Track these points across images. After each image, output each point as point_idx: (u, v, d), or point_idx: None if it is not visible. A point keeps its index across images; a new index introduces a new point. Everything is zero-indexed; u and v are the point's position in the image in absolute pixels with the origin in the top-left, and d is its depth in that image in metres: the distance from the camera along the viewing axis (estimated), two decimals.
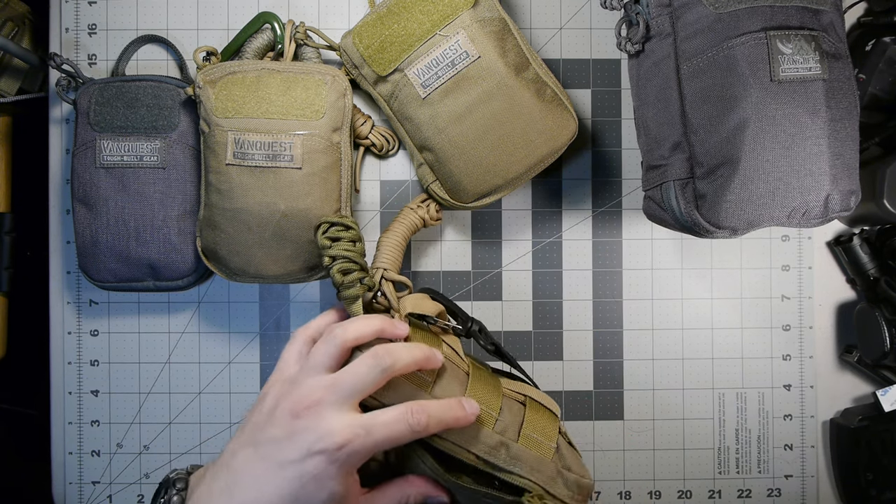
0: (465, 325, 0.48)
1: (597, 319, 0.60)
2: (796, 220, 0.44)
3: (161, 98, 0.54)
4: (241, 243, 0.51)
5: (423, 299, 0.47)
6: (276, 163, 0.51)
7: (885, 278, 0.56)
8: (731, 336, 0.60)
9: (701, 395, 0.60)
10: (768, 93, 0.41)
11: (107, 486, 0.60)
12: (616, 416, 0.60)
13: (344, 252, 0.45)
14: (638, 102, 0.49)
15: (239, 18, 0.58)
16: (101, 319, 0.60)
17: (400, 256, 0.52)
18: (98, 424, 0.60)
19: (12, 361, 0.64)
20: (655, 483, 0.60)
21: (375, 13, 0.53)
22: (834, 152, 0.43)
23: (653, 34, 0.46)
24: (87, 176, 0.53)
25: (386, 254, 0.51)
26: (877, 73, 0.54)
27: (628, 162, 0.60)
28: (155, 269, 0.54)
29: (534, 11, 0.59)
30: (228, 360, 0.60)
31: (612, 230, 0.60)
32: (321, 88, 0.52)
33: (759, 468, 0.60)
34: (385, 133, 0.58)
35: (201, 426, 0.60)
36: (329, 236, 0.46)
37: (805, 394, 0.60)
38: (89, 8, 0.59)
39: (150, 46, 0.59)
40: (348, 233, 0.46)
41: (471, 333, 0.48)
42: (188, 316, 0.60)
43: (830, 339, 0.61)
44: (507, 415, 0.43)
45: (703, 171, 0.44)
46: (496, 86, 0.51)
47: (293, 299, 0.60)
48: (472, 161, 0.52)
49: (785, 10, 0.42)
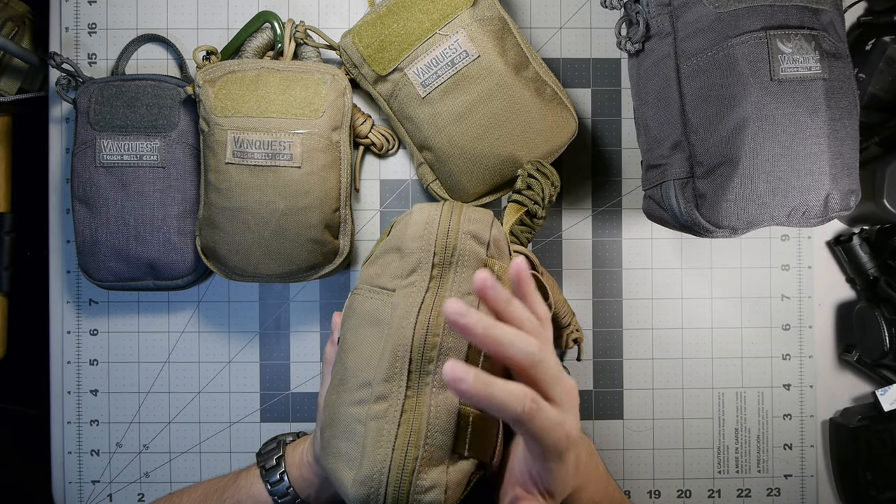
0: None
1: (597, 319, 0.60)
2: (796, 219, 0.44)
3: (161, 97, 0.54)
4: (240, 242, 0.51)
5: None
6: (275, 162, 0.51)
7: (884, 278, 0.56)
8: (731, 335, 0.60)
9: (700, 394, 0.60)
10: (768, 92, 0.41)
11: (106, 486, 0.60)
12: (616, 416, 0.60)
13: (542, 182, 0.49)
14: (638, 102, 0.49)
15: (239, 18, 0.58)
16: (100, 319, 0.60)
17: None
18: (97, 424, 0.60)
19: (12, 361, 0.64)
20: (655, 482, 0.60)
21: (375, 13, 0.53)
22: (834, 152, 0.43)
23: (653, 33, 0.46)
24: (87, 175, 0.53)
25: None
26: (877, 72, 0.54)
27: (628, 161, 0.60)
28: (154, 268, 0.54)
29: (534, 11, 0.59)
30: (228, 359, 0.60)
31: (611, 230, 0.60)
32: (321, 87, 0.52)
33: (759, 468, 0.60)
34: (385, 132, 0.58)
35: (201, 425, 0.60)
36: (540, 171, 0.50)
37: (804, 393, 0.60)
38: (89, 7, 0.59)
39: (150, 45, 0.59)
40: (552, 177, 0.50)
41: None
42: (188, 315, 0.60)
43: (830, 339, 0.61)
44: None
45: (703, 171, 0.44)
46: (496, 85, 0.51)
47: (293, 298, 0.60)
48: (471, 160, 0.52)
49: (785, 9, 0.42)
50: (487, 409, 0.33)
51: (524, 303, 0.38)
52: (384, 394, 0.37)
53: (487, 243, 0.41)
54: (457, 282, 0.39)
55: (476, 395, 0.32)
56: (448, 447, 0.36)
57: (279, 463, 0.49)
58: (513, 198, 0.49)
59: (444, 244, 0.39)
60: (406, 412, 0.36)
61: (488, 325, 0.33)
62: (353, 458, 0.37)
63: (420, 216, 0.41)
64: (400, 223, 0.43)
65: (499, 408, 0.33)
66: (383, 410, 0.36)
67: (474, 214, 0.41)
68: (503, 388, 0.33)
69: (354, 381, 0.38)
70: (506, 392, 0.33)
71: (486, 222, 0.41)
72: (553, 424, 0.35)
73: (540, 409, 0.34)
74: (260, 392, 0.60)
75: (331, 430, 0.39)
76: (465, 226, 0.40)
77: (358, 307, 0.41)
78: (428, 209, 0.42)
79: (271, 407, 0.60)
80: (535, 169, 0.50)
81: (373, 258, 0.43)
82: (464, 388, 0.32)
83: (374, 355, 0.38)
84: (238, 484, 0.50)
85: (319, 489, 0.48)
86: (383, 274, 0.41)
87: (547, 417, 0.34)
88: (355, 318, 0.41)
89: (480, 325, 0.32)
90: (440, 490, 0.36)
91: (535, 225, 0.49)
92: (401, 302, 0.39)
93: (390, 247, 0.42)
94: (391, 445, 0.35)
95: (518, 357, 0.34)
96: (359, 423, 0.37)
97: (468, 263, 0.39)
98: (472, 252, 0.40)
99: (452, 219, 0.41)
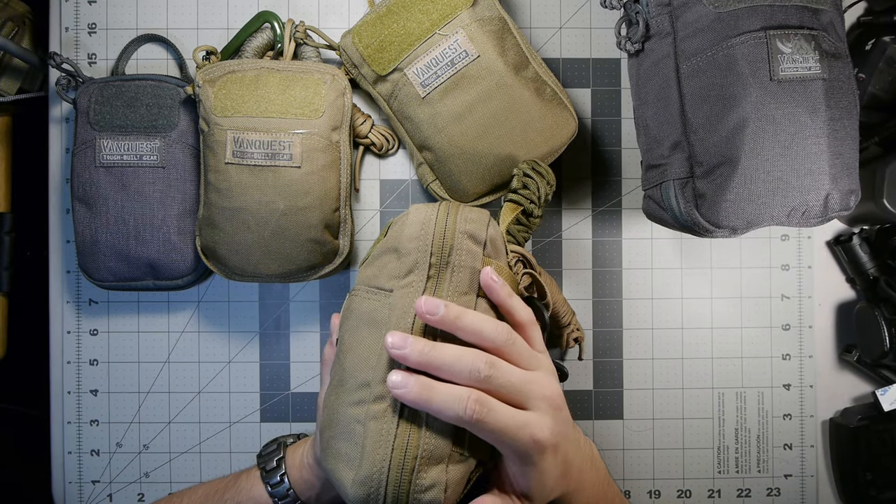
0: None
1: (597, 319, 0.60)
2: (796, 219, 0.44)
3: (161, 97, 0.54)
4: (240, 242, 0.51)
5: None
6: (275, 161, 0.51)
7: (884, 278, 0.56)
8: (731, 335, 0.60)
9: (700, 394, 0.60)
10: (768, 92, 0.41)
11: (106, 486, 0.60)
12: (616, 416, 0.60)
13: (538, 181, 0.49)
14: (638, 102, 0.49)
15: (239, 18, 0.58)
16: (100, 319, 0.60)
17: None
18: (97, 424, 0.60)
19: (12, 361, 0.64)
20: (655, 482, 0.60)
21: (375, 13, 0.53)
22: (833, 151, 0.43)
23: (652, 33, 0.46)
24: (87, 175, 0.53)
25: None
26: (876, 72, 0.53)
27: (628, 161, 0.60)
28: (154, 268, 0.54)
29: (534, 11, 0.59)
30: (228, 359, 0.60)
31: (611, 229, 0.60)
32: (320, 87, 0.52)
33: (759, 468, 0.60)
34: (385, 132, 0.58)
35: (201, 425, 0.60)
36: (536, 170, 0.50)
37: (804, 393, 0.60)
38: (89, 7, 0.59)
39: (150, 45, 0.59)
40: (548, 176, 0.50)
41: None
42: (188, 315, 0.60)
43: (830, 339, 0.61)
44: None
45: (703, 171, 0.44)
46: (495, 85, 0.51)
47: (293, 298, 0.60)
48: (471, 160, 0.52)
49: (785, 9, 0.42)
50: (432, 413, 0.35)
51: (501, 309, 0.39)
52: (383, 394, 0.37)
53: (484, 243, 0.41)
54: (453, 282, 0.39)
55: (416, 401, 0.34)
56: (447, 446, 0.36)
57: (280, 465, 0.49)
58: (509, 197, 0.49)
59: (441, 244, 0.39)
60: (405, 412, 0.36)
61: (424, 352, 0.35)
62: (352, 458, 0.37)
63: (417, 216, 0.41)
64: (397, 224, 0.43)
65: (437, 412, 0.34)
66: (382, 410, 0.36)
67: (471, 214, 0.42)
68: (442, 392, 0.34)
69: (353, 382, 0.38)
70: (443, 395, 0.34)
71: (482, 222, 0.42)
72: (511, 427, 0.35)
73: (491, 410, 0.34)
74: (260, 392, 0.60)
75: (330, 430, 0.39)
76: (462, 226, 0.40)
77: (356, 308, 0.41)
78: (424, 209, 0.42)
79: (271, 407, 0.60)
80: (531, 168, 0.50)
81: (370, 259, 0.43)
82: (401, 393, 0.34)
83: (372, 356, 0.38)
84: (238, 485, 0.50)
85: (320, 491, 0.48)
86: (381, 275, 0.41)
87: (500, 420, 0.35)
88: (353, 318, 0.41)
89: (414, 354, 0.35)
90: (440, 489, 0.36)
91: (532, 224, 0.49)
92: (398, 302, 0.39)
93: (387, 247, 0.42)
94: (390, 445, 0.36)
95: (462, 378, 0.35)
96: (358, 423, 0.37)
97: (465, 263, 0.39)
98: (468, 252, 0.40)
99: (449, 219, 0.41)
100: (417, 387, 0.34)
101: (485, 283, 0.39)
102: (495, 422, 0.34)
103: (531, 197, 0.49)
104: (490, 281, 0.39)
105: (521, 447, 0.36)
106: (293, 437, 0.54)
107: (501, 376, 0.36)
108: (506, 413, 0.35)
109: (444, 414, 0.34)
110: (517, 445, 0.35)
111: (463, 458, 0.37)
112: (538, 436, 0.36)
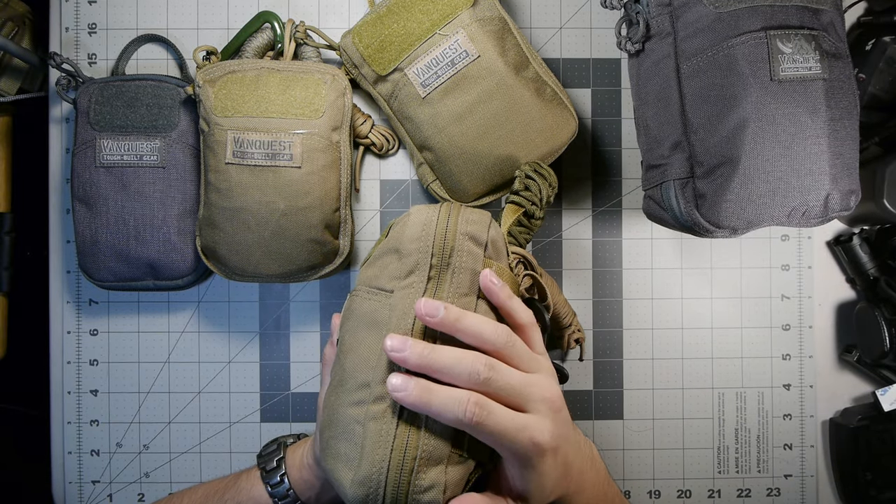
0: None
1: (597, 319, 0.60)
2: (796, 219, 0.44)
3: (161, 97, 0.54)
4: (240, 242, 0.51)
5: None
6: (275, 162, 0.51)
7: (884, 278, 0.56)
8: (731, 335, 0.60)
9: (700, 394, 0.60)
10: (768, 92, 0.41)
11: (107, 486, 0.60)
12: (616, 416, 0.60)
13: (539, 183, 0.49)
14: (638, 102, 0.49)
15: (239, 18, 0.58)
16: (100, 319, 0.60)
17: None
18: (97, 424, 0.60)
19: (12, 361, 0.64)
20: (655, 482, 0.60)
21: (375, 13, 0.53)
22: (834, 152, 0.43)
23: (653, 33, 0.46)
24: (87, 175, 0.53)
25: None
26: (877, 72, 0.54)
27: (628, 161, 0.60)
28: (155, 268, 0.54)
29: (534, 11, 0.59)
30: (228, 359, 0.60)
31: (611, 230, 0.60)
32: (320, 87, 0.52)
33: (759, 468, 0.60)
34: (385, 132, 0.58)
35: (201, 425, 0.60)
36: (538, 172, 0.50)
37: (804, 393, 0.60)
38: (89, 7, 0.59)
39: (150, 46, 0.59)
40: (550, 178, 0.50)
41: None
42: (188, 315, 0.60)
43: (830, 339, 0.61)
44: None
45: (703, 171, 0.44)
46: (496, 85, 0.51)
47: (293, 298, 0.60)
48: (471, 160, 0.52)
49: (785, 9, 0.42)
50: (432, 416, 0.35)
51: (501, 310, 0.39)
52: (383, 394, 0.37)
53: (485, 244, 0.41)
54: (454, 283, 0.39)
55: (416, 404, 0.34)
56: (446, 447, 0.36)
57: (280, 465, 0.49)
58: (510, 199, 0.49)
59: (442, 245, 0.39)
60: (405, 412, 0.36)
61: (423, 355, 0.35)
62: (351, 458, 0.37)
63: (418, 217, 0.41)
64: (398, 225, 0.43)
65: (437, 415, 0.34)
66: (382, 411, 0.36)
67: (472, 216, 0.41)
68: (442, 395, 0.34)
69: (353, 382, 0.38)
70: (443, 398, 0.34)
71: (483, 223, 0.42)
72: (511, 429, 0.35)
73: (490, 413, 0.34)
74: (260, 392, 0.60)
75: (329, 430, 0.39)
76: (463, 227, 0.40)
77: (356, 308, 0.41)
78: (426, 210, 0.42)
79: (271, 407, 0.60)
80: (533, 170, 0.50)
81: (371, 260, 0.43)
82: (401, 396, 0.34)
83: (372, 356, 0.38)
84: (238, 485, 0.50)
85: (320, 491, 0.48)
86: (381, 275, 0.41)
87: (499, 423, 0.35)
88: (354, 319, 0.41)
89: (413, 357, 0.35)
90: (439, 490, 0.36)
91: (533, 226, 0.49)
92: (399, 303, 0.39)
93: (388, 248, 0.42)
94: (390, 446, 0.36)
95: (461, 381, 0.35)
96: (357, 423, 0.37)
97: (466, 265, 0.39)
98: (469, 253, 0.40)
99: (450, 220, 0.41)
100: (417, 390, 0.34)
101: (484, 286, 0.39)
102: (495, 424, 0.34)
103: (533, 198, 0.49)
104: (489, 283, 0.39)
105: (520, 450, 0.36)
106: (293, 438, 0.54)
107: (501, 379, 0.36)
108: (505, 416, 0.35)
109: (443, 417, 0.34)
110: (517, 448, 0.35)
111: (462, 459, 0.37)
112: (538, 438, 0.36)
